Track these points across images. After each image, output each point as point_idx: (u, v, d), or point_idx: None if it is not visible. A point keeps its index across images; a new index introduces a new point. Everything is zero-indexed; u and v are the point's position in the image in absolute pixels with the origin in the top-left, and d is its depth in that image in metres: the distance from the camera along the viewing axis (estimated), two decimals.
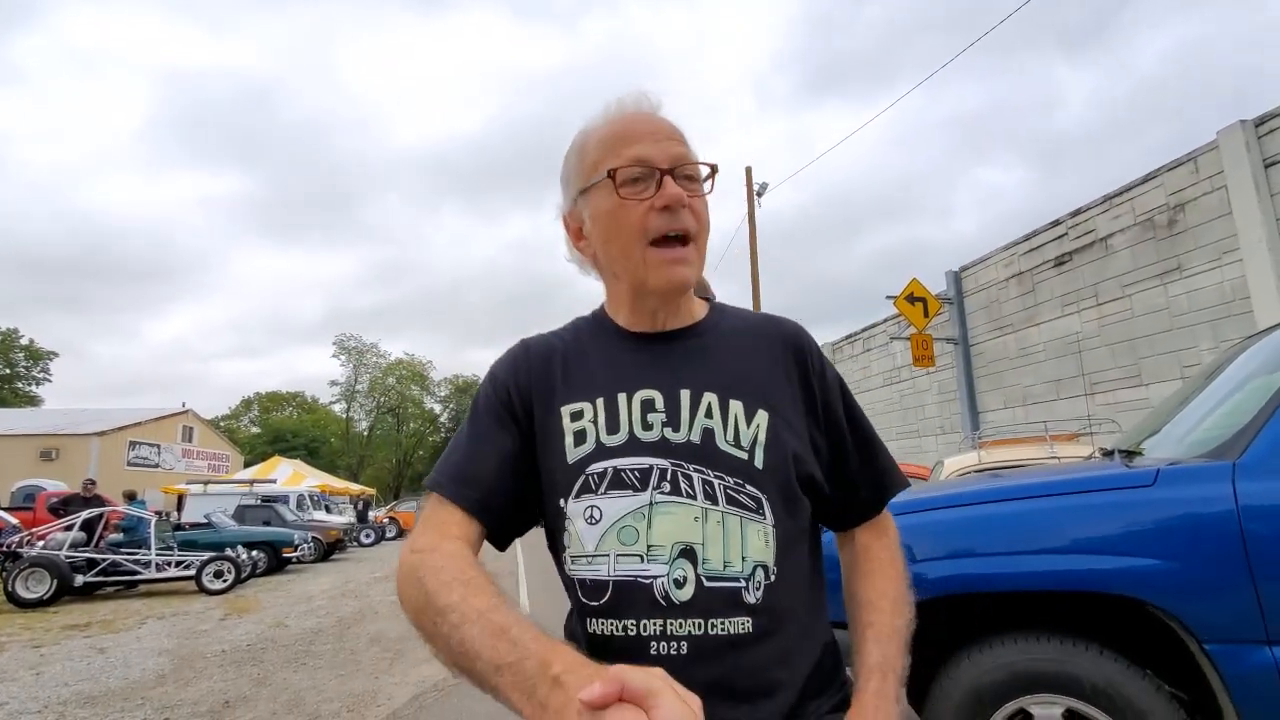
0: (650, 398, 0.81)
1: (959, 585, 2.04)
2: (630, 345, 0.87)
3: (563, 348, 0.89)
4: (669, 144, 0.81)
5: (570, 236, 0.90)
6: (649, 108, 0.85)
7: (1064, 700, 1.90)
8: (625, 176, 0.80)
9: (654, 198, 0.79)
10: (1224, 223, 7.63)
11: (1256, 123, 7.33)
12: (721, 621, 0.73)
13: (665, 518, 0.75)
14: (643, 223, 0.80)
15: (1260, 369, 2.27)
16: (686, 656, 0.72)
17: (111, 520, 10.12)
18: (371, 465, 52.32)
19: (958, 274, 12.12)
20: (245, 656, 5.66)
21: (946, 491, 2.49)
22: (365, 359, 52.32)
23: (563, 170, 0.89)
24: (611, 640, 0.74)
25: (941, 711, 2.02)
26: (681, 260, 0.81)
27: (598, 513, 0.77)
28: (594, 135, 0.85)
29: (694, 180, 0.83)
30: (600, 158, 0.82)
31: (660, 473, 0.77)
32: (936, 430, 13.01)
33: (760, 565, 0.76)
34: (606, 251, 0.84)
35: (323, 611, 7.98)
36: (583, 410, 0.82)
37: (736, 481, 0.77)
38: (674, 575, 0.73)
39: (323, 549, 14.69)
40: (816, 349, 0.90)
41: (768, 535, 0.77)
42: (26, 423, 30.09)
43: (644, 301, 0.86)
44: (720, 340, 0.87)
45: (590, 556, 0.77)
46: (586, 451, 0.79)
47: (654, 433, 0.79)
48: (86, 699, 4.51)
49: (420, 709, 4.19)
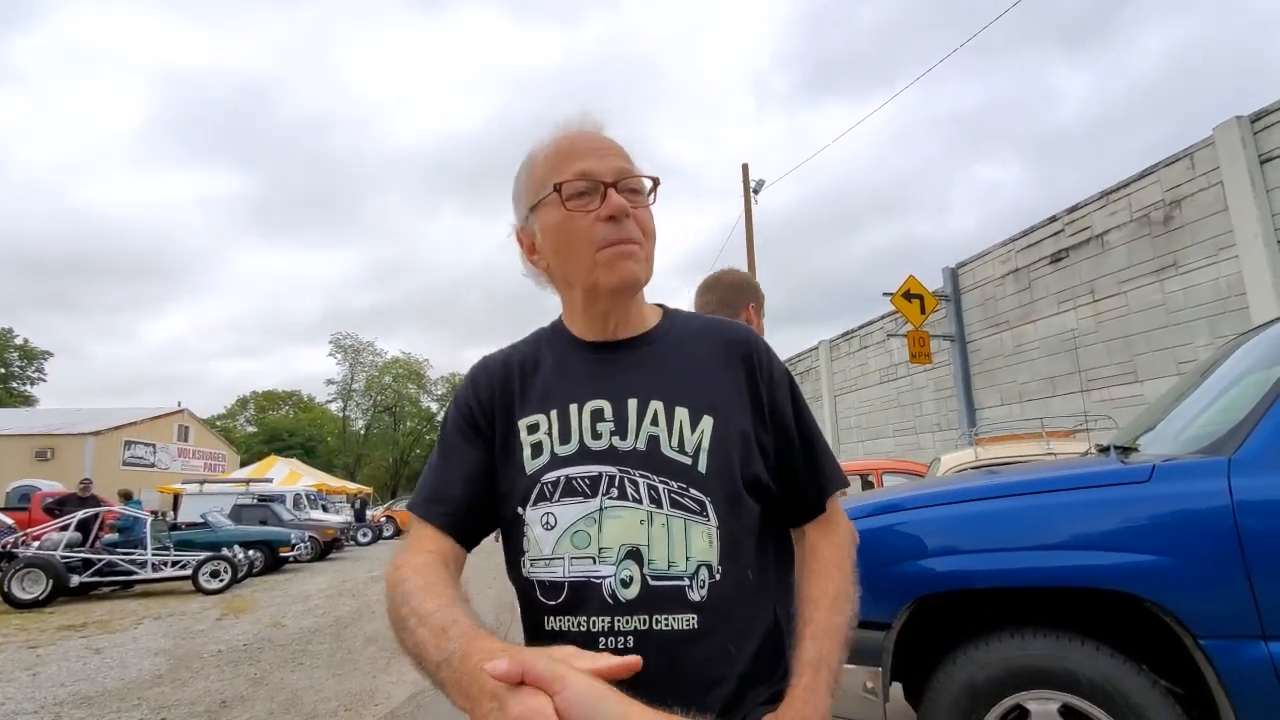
0: (599, 407, 0.86)
1: (955, 582, 2.04)
2: (584, 355, 0.91)
3: (520, 360, 0.94)
4: (612, 159, 0.86)
5: (524, 251, 0.94)
6: (592, 126, 0.90)
7: (1060, 696, 1.90)
8: (571, 190, 0.84)
9: (599, 209, 0.84)
10: (1220, 219, 7.64)
11: (1253, 118, 7.34)
12: (666, 618, 0.77)
13: (614, 522, 0.80)
14: (589, 231, 0.84)
15: (1255, 365, 2.28)
16: (631, 650, 0.76)
17: (107, 520, 10.08)
18: (368, 464, 52.25)
19: (954, 271, 12.13)
20: (242, 656, 5.65)
21: (943, 488, 2.49)
22: (361, 358, 52.24)
23: (514, 189, 0.94)
24: (565, 636, 0.79)
25: (939, 707, 2.02)
26: (629, 255, 0.84)
27: (553, 519, 0.82)
28: (540, 155, 0.89)
29: (638, 193, 0.88)
30: (546, 174, 0.87)
31: (609, 479, 0.82)
32: (933, 427, 13.04)
33: (704, 564, 0.80)
34: (558, 261, 0.89)
35: (320, 611, 7.97)
36: (538, 423, 0.87)
37: (680, 486, 0.82)
38: (620, 575, 0.78)
39: (319, 548, 14.66)
40: (764, 350, 0.93)
41: (711, 536, 0.81)
42: (21, 423, 29.97)
43: (596, 305, 0.89)
44: (670, 348, 0.91)
45: (548, 559, 0.82)
46: (542, 463, 0.85)
47: (603, 441, 0.84)
48: (83, 699, 4.49)
49: (418, 708, 4.19)
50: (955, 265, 12.19)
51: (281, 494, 17.61)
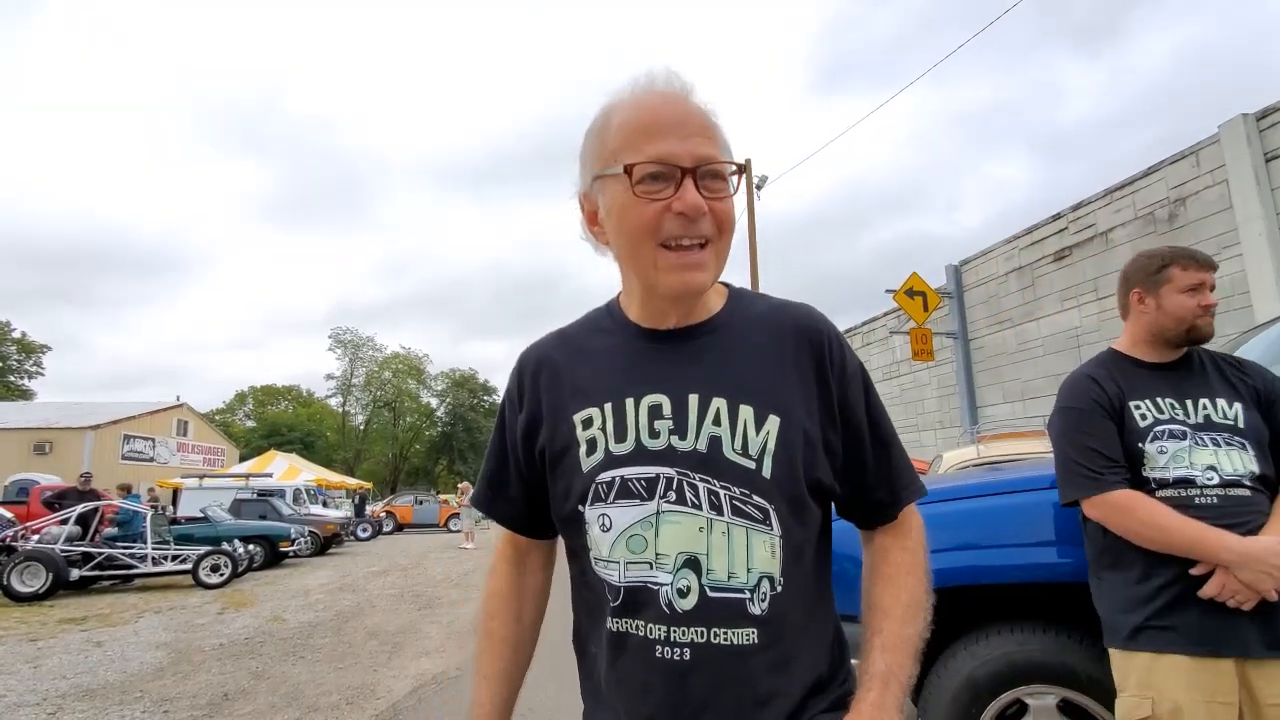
0: (658, 403, 0.80)
1: (957, 577, 2.04)
2: (641, 343, 0.85)
3: (568, 348, 0.89)
4: (696, 141, 0.76)
5: (585, 218, 0.86)
6: (680, 90, 0.79)
7: (1059, 690, 1.91)
8: (643, 173, 0.75)
9: (672, 199, 0.75)
10: (1224, 217, 7.63)
11: (1258, 116, 7.32)
12: (725, 631, 0.74)
13: (671, 527, 0.76)
14: (656, 223, 0.76)
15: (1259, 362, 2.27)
16: (689, 663, 0.74)
17: (107, 514, 10.09)
18: (368, 459, 52.29)
19: (958, 268, 12.11)
20: (243, 650, 5.66)
21: (945, 484, 2.48)
22: (361, 352, 52.22)
23: (582, 147, 0.84)
24: (626, 637, 0.78)
25: (938, 702, 2.02)
26: (695, 265, 0.77)
27: (608, 521, 0.79)
28: (616, 117, 0.79)
29: (719, 179, 0.77)
30: (620, 146, 0.77)
31: (667, 482, 0.77)
32: (936, 424, 13.04)
33: (766, 576, 0.76)
34: (618, 245, 0.82)
35: (320, 605, 7.97)
36: (592, 417, 0.82)
37: (743, 492, 0.77)
38: (678, 585, 0.74)
39: (319, 543, 14.66)
40: (837, 339, 0.85)
41: (774, 547, 0.77)
42: (19, 416, 29.98)
43: (653, 301, 0.84)
44: (734, 337, 0.84)
45: (605, 561, 0.79)
46: (597, 461, 0.80)
47: (661, 440, 0.78)
48: (85, 692, 4.50)
49: (419, 701, 4.19)
50: (959, 262, 12.16)
51: (281, 489, 17.62)
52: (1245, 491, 1.52)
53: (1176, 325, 1.65)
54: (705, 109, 0.79)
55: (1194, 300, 1.63)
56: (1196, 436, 1.57)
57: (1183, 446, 1.57)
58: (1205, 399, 1.61)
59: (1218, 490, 1.52)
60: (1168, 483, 1.56)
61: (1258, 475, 1.53)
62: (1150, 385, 1.65)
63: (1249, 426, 1.57)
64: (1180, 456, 1.56)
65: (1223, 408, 1.60)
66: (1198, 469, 1.55)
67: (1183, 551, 1.49)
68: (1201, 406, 1.61)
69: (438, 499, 27.18)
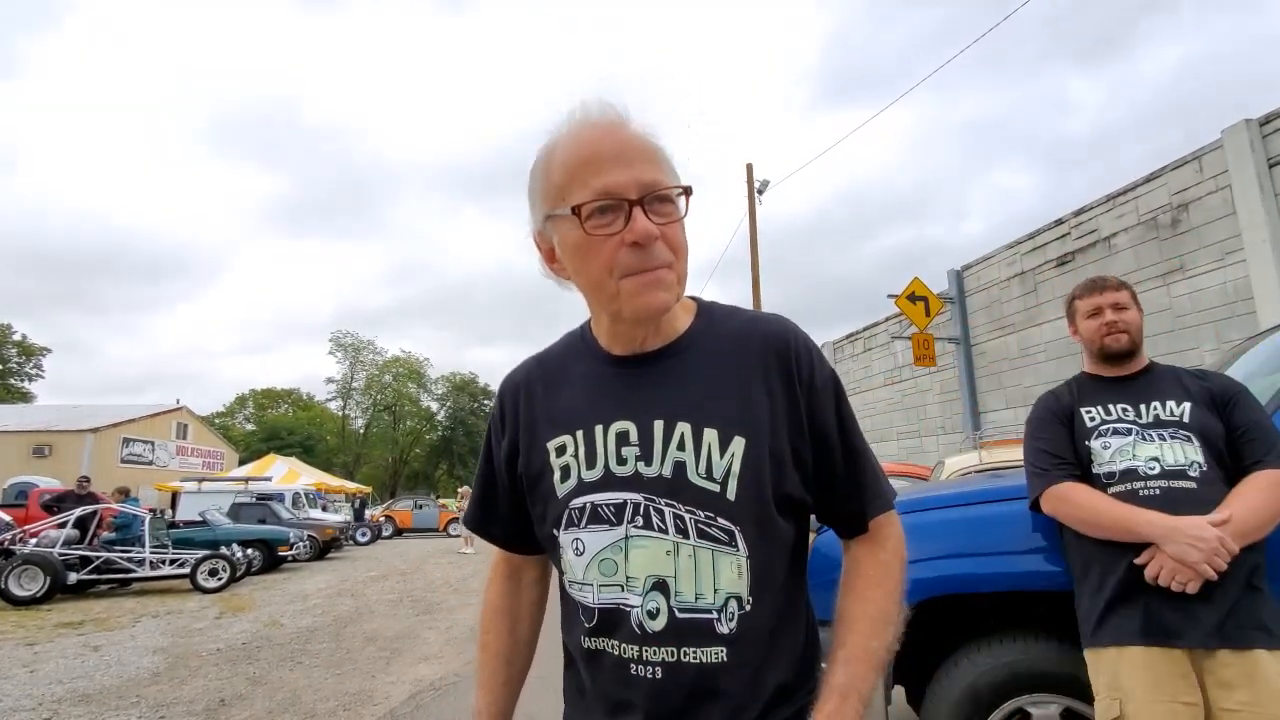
0: (625, 430, 0.82)
1: (959, 585, 2.02)
2: (610, 369, 0.87)
3: (546, 375, 0.92)
4: (639, 168, 0.76)
5: (543, 256, 0.85)
6: (615, 119, 0.78)
7: (1062, 700, 1.90)
8: (591, 210, 0.75)
9: (624, 232, 0.75)
10: (1228, 223, 7.61)
11: (1261, 122, 7.32)
12: (694, 650, 0.77)
13: (640, 551, 0.79)
14: (612, 258, 0.76)
15: (1262, 369, 2.26)
16: (661, 680, 0.77)
17: (105, 518, 10.06)
18: (368, 463, 52.26)
19: (960, 273, 12.10)
20: (240, 655, 5.63)
21: (946, 491, 2.47)
22: (362, 356, 52.26)
23: (529, 186, 0.84)
24: (602, 655, 0.81)
25: (940, 711, 2.01)
26: (657, 283, 0.77)
27: (581, 545, 0.82)
28: (558, 155, 0.79)
29: (667, 201, 0.77)
30: (565, 183, 0.77)
31: (634, 507, 0.80)
32: (938, 430, 13.01)
33: (733, 596, 0.78)
34: (579, 282, 0.82)
35: (318, 610, 7.95)
36: (565, 445, 0.85)
37: (708, 515, 0.79)
38: (648, 607, 0.78)
39: (318, 547, 14.62)
40: (806, 350, 0.85)
41: (740, 568, 0.78)
42: (19, 419, 30.01)
43: (620, 326, 0.84)
44: (700, 358, 0.84)
45: (580, 584, 0.83)
46: (570, 487, 0.83)
47: (628, 467, 0.81)
48: (81, 696, 4.47)
49: (417, 708, 4.17)
50: (960, 268, 12.16)
51: (280, 493, 17.59)
52: (1190, 484, 1.59)
53: (1091, 345, 1.84)
54: (644, 133, 0.79)
55: (1096, 322, 1.83)
56: (1143, 433, 1.69)
57: (1127, 442, 1.69)
58: (1157, 401, 1.73)
59: (1160, 482, 1.61)
60: (1115, 476, 1.67)
61: (1203, 468, 1.61)
62: (1105, 394, 1.80)
63: (1194, 421, 1.66)
64: (1125, 450, 1.68)
65: (1171, 407, 1.71)
66: (1140, 460, 1.65)
67: (1114, 532, 1.59)
68: (1153, 408, 1.72)
69: (437, 503, 27.14)
